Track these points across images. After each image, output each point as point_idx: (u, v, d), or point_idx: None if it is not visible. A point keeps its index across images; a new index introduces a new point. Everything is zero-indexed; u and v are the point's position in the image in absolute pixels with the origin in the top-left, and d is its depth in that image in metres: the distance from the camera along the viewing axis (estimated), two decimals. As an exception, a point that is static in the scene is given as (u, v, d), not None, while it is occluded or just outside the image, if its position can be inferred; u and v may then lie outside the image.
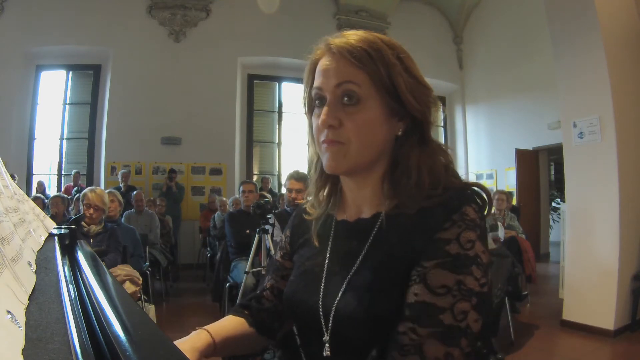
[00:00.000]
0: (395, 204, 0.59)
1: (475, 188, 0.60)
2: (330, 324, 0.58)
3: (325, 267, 0.64)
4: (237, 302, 0.82)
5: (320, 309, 0.60)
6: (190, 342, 0.60)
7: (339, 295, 0.59)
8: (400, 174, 0.60)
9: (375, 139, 0.59)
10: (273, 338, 0.73)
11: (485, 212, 0.59)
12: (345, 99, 0.58)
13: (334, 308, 0.59)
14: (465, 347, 0.49)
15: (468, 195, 0.58)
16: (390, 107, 0.59)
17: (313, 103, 0.62)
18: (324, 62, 0.60)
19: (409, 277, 0.54)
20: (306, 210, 0.73)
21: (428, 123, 0.61)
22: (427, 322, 0.50)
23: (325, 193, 0.70)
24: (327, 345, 0.59)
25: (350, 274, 0.60)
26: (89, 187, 2.67)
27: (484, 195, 0.59)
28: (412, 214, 0.57)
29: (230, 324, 0.69)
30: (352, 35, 0.59)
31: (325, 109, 0.59)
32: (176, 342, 0.55)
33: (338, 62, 0.58)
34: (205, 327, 0.65)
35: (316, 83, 0.61)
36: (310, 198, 0.71)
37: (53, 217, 3.20)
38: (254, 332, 0.71)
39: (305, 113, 0.67)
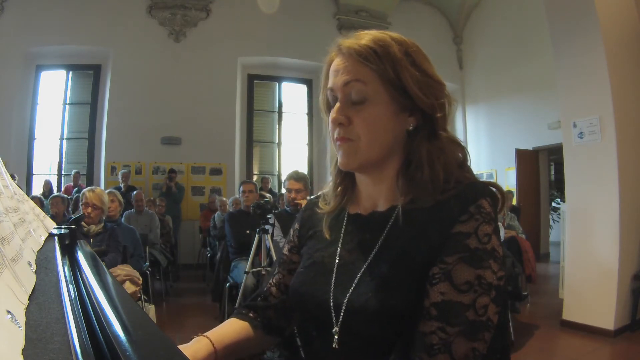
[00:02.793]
0: (410, 198, 0.60)
1: (491, 188, 0.59)
2: (341, 316, 0.58)
3: (337, 259, 0.64)
4: (242, 303, 0.81)
5: (331, 301, 0.59)
6: (191, 351, 0.59)
7: (352, 287, 0.59)
8: (414, 169, 0.60)
9: (385, 134, 0.60)
10: (281, 336, 0.72)
11: (500, 209, 0.59)
12: (354, 97, 0.59)
13: (346, 300, 0.58)
14: (488, 339, 0.51)
15: (483, 188, 0.58)
16: (398, 102, 0.60)
17: (329, 104, 0.64)
18: (335, 63, 0.62)
19: (427, 273, 0.54)
20: (318, 204, 0.73)
21: (438, 117, 0.61)
22: (456, 320, 0.50)
23: (340, 188, 0.70)
24: (336, 337, 0.58)
25: (365, 266, 0.60)
26: (88, 187, 2.67)
27: (498, 194, 0.59)
28: (428, 208, 0.58)
29: (232, 329, 0.68)
30: (363, 36, 0.61)
31: (335, 107, 0.61)
32: None
33: (346, 61, 0.60)
34: (207, 333, 0.64)
35: (329, 84, 0.63)
36: (330, 194, 0.72)
37: (53, 217, 3.20)
38: (259, 334, 0.69)
39: (324, 114, 0.67)
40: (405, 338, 0.53)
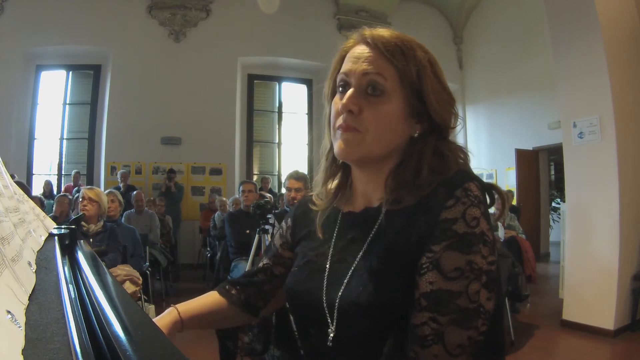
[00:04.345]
0: (395, 195, 0.59)
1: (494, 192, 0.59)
2: (335, 314, 0.58)
3: (329, 257, 0.64)
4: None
5: (324, 298, 0.60)
6: (160, 322, 0.64)
7: (344, 283, 0.58)
8: (404, 168, 0.60)
9: (392, 133, 0.59)
10: (256, 316, 0.74)
11: (500, 212, 0.61)
12: (370, 89, 0.58)
13: (338, 297, 0.58)
14: (481, 326, 0.50)
15: (470, 173, 0.57)
16: (412, 105, 0.59)
17: (336, 89, 0.63)
18: (356, 50, 0.60)
19: (416, 264, 0.53)
20: (312, 200, 0.72)
21: (447, 128, 0.61)
22: (446, 309, 0.49)
23: (334, 185, 0.69)
24: (331, 334, 0.58)
25: (356, 262, 0.60)
26: (87, 186, 2.68)
27: (494, 192, 0.58)
28: (416, 200, 0.57)
29: (206, 302, 0.72)
30: (385, 31, 0.60)
31: (348, 93, 0.59)
32: None
33: (371, 51, 0.59)
34: (179, 304, 0.68)
35: (343, 69, 0.61)
36: (318, 187, 0.70)
37: (55, 218, 3.20)
38: (236, 310, 0.72)
39: (327, 101, 0.66)
40: (399, 331, 0.53)
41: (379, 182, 0.63)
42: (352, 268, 0.59)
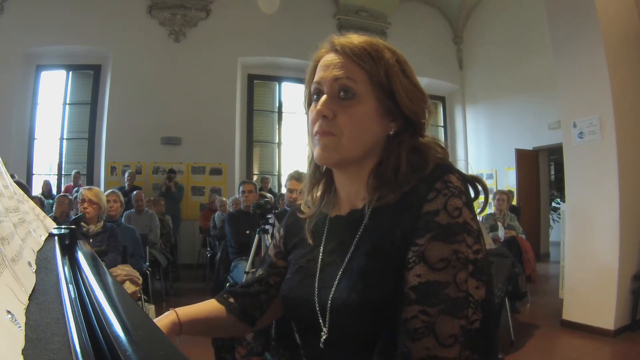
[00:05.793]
0: (378, 194, 0.61)
1: (477, 184, 0.61)
2: (327, 316, 0.59)
3: (319, 261, 0.65)
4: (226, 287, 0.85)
5: (316, 302, 0.61)
6: (158, 323, 0.64)
7: (334, 285, 0.60)
8: (384, 167, 0.61)
9: (367, 134, 0.61)
10: (252, 325, 0.75)
11: (484, 204, 0.62)
12: (342, 93, 0.60)
13: (330, 299, 0.59)
14: (471, 315, 0.50)
15: (449, 166, 0.58)
16: (385, 105, 0.61)
17: (312, 98, 0.64)
18: (326, 58, 0.63)
19: (403, 260, 0.54)
20: (300, 209, 0.74)
21: (421, 124, 0.63)
22: (435, 300, 0.50)
23: (319, 192, 0.71)
24: (324, 336, 0.59)
25: (344, 263, 0.61)
26: (85, 186, 2.68)
27: (479, 186, 0.60)
28: (399, 197, 0.58)
29: (205, 308, 0.72)
30: (355, 37, 0.62)
31: (321, 99, 0.61)
32: None
33: (340, 58, 0.61)
34: (178, 308, 0.69)
35: (316, 78, 0.63)
36: (304, 195, 0.72)
37: (55, 219, 3.20)
38: (233, 319, 0.73)
39: (305, 110, 0.68)
40: (390, 328, 0.53)
41: (361, 182, 0.64)
42: (342, 269, 0.60)
